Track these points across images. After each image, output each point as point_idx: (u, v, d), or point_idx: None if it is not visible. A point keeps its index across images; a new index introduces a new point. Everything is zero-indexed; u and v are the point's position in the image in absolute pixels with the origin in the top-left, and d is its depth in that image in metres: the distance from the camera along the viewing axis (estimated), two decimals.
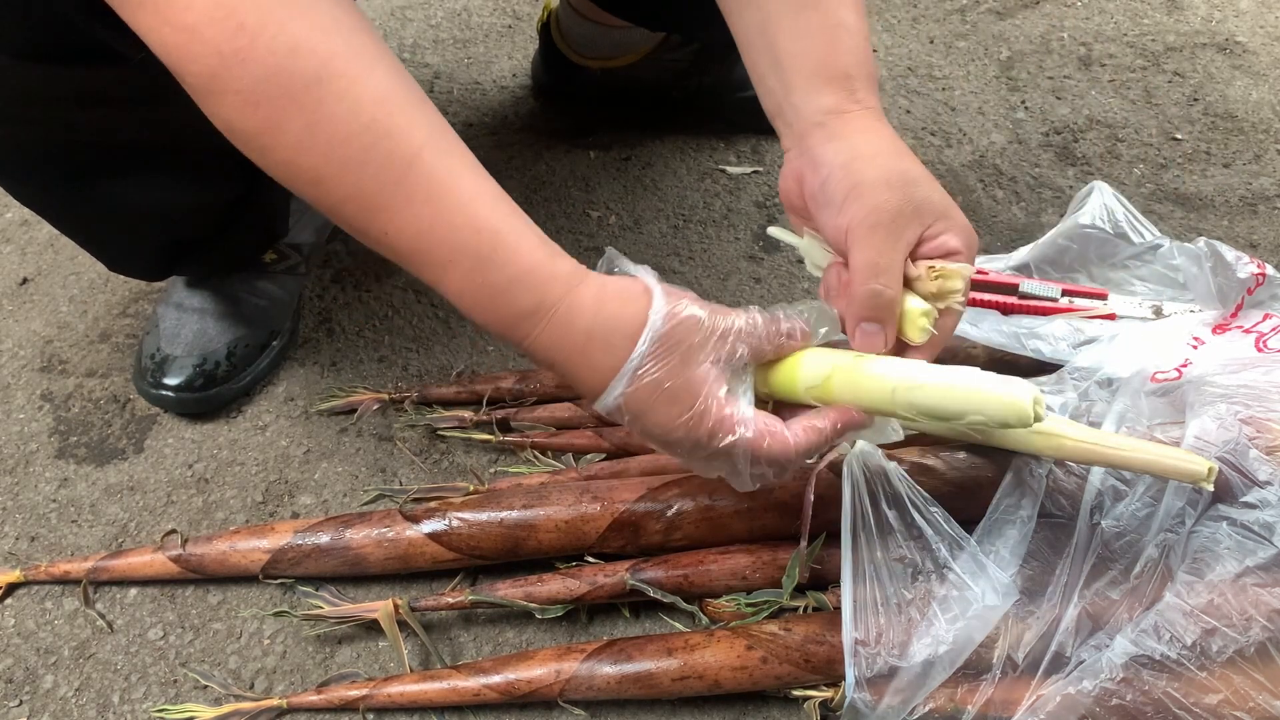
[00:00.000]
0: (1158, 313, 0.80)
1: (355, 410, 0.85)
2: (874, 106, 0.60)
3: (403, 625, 0.69)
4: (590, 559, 0.71)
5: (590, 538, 0.69)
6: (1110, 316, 0.80)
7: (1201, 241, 0.78)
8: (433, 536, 0.70)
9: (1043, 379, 0.73)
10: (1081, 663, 0.60)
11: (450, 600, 0.70)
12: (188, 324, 0.85)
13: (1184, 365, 0.72)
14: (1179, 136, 1.13)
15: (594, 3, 1.02)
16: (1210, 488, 0.61)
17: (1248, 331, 0.74)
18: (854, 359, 0.56)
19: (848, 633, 0.61)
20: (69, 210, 0.75)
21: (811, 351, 0.58)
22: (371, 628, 0.71)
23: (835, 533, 0.63)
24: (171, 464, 0.82)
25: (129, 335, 0.93)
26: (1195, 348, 0.74)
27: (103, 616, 0.72)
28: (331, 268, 0.99)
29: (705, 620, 0.68)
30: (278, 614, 0.71)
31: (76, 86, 0.62)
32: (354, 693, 0.65)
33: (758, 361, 0.57)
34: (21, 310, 0.95)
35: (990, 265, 0.85)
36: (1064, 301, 0.80)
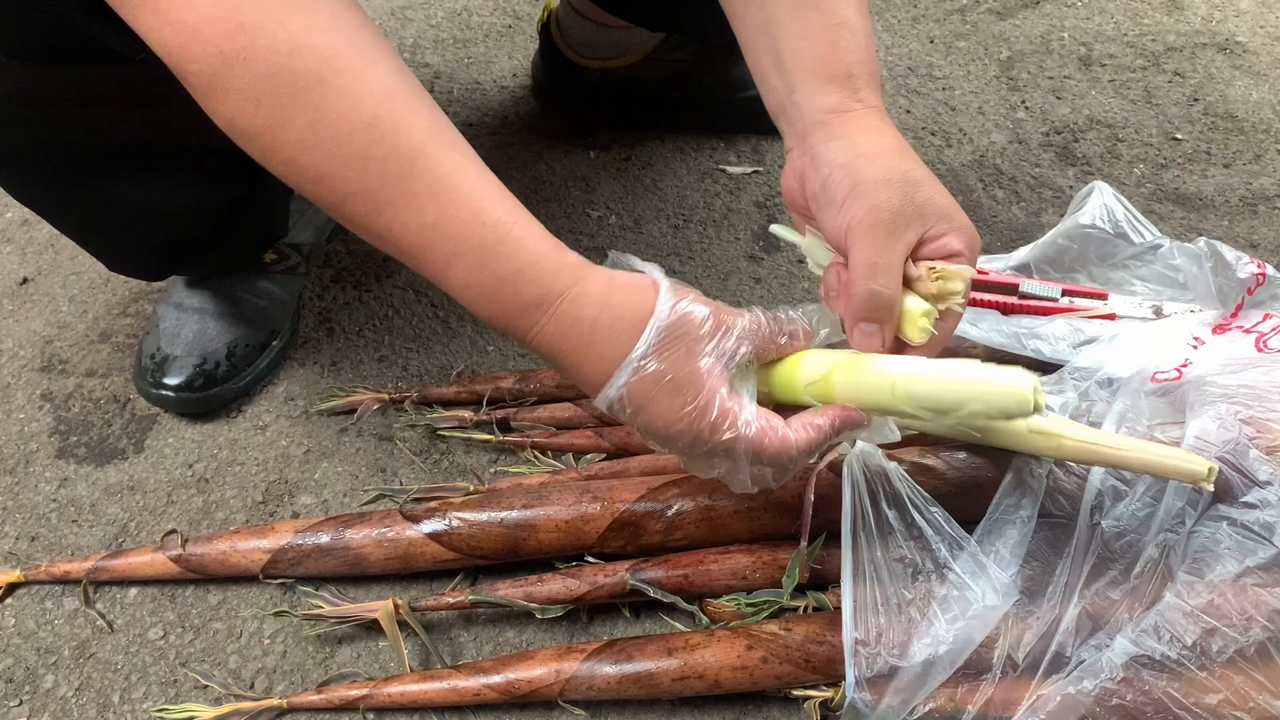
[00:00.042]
0: (1158, 313, 0.80)
1: (355, 410, 0.85)
2: (876, 105, 0.60)
3: (403, 625, 0.69)
4: (590, 559, 0.71)
5: (590, 538, 0.69)
6: (1110, 316, 0.80)
7: (1201, 241, 0.78)
8: (433, 536, 0.70)
9: (1043, 379, 0.73)
10: (1081, 663, 0.60)
11: (450, 600, 0.70)
12: (188, 324, 0.85)
13: (1184, 365, 0.72)
14: (1179, 136, 1.13)
15: (594, 3, 1.02)
16: (1210, 488, 0.61)
17: (1248, 331, 0.74)
18: (855, 355, 0.57)
19: (848, 633, 0.61)
20: (69, 210, 0.75)
21: (813, 351, 0.58)
22: (371, 628, 0.71)
23: (835, 533, 0.63)
24: (171, 464, 0.82)
25: (129, 335, 0.93)
26: (1195, 348, 0.74)
27: (103, 616, 0.72)
28: (331, 268, 0.99)
29: (705, 620, 0.68)
30: (278, 614, 0.71)
31: (76, 86, 0.62)
32: (354, 693, 0.65)
33: (760, 361, 0.57)
34: (21, 310, 0.95)
35: (990, 265, 0.85)
36: (1064, 301, 0.80)
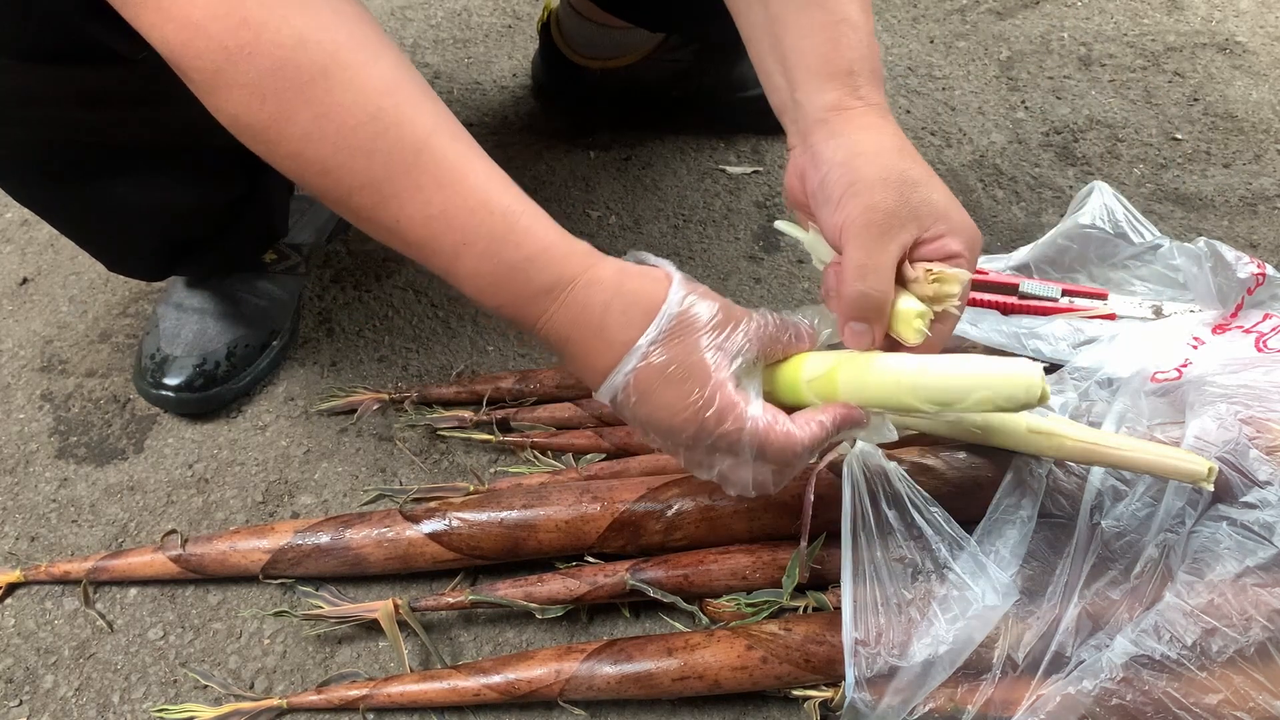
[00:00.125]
0: (1158, 313, 0.80)
1: (355, 410, 0.85)
2: (878, 103, 0.60)
3: (403, 625, 0.69)
4: (590, 559, 0.71)
5: (590, 538, 0.69)
6: (1110, 316, 0.80)
7: (1201, 241, 0.78)
8: (433, 536, 0.70)
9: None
10: (1081, 663, 0.60)
11: (450, 600, 0.70)
12: (188, 324, 0.85)
13: (1184, 365, 0.72)
14: (1179, 136, 1.13)
15: (594, 3, 1.02)
16: (1210, 488, 0.61)
17: (1248, 331, 0.74)
18: (859, 353, 0.57)
19: (848, 633, 0.61)
20: (69, 210, 0.75)
21: (815, 352, 0.58)
22: (371, 628, 0.71)
23: (835, 533, 0.63)
24: (171, 464, 0.82)
25: (129, 335, 0.93)
26: (1195, 348, 0.74)
27: (103, 616, 0.72)
28: (331, 268, 0.99)
29: (705, 620, 0.68)
30: (278, 614, 0.71)
31: (76, 86, 0.62)
32: (354, 693, 0.65)
33: (765, 361, 0.57)
34: (21, 310, 0.95)
35: (990, 265, 0.85)
36: (1064, 301, 0.81)
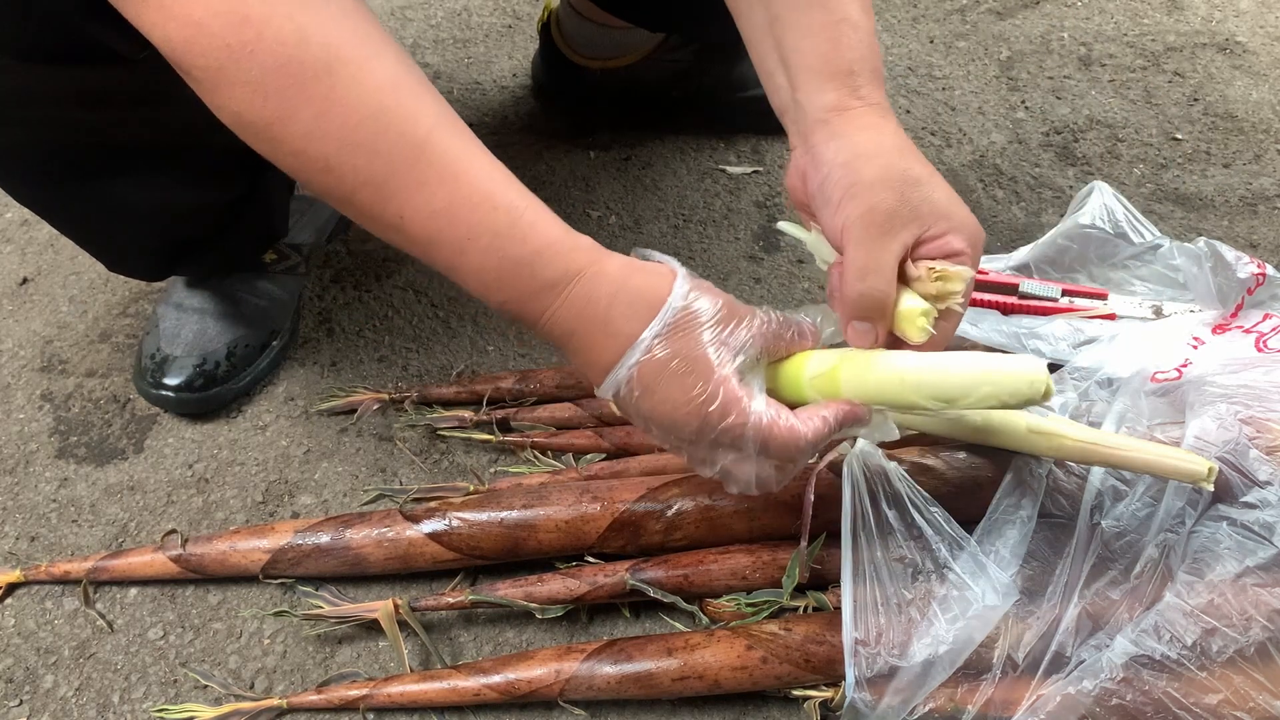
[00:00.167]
0: (1158, 313, 0.80)
1: (355, 410, 0.85)
2: (878, 102, 0.60)
3: (403, 625, 0.69)
4: (590, 559, 0.71)
5: (590, 538, 0.69)
6: (1110, 316, 0.80)
7: (1201, 241, 0.78)
8: (433, 536, 0.70)
9: None
10: (1081, 663, 0.60)
11: (450, 600, 0.70)
12: (188, 324, 0.85)
13: (1184, 365, 0.72)
14: (1179, 136, 1.13)
15: (594, 3, 1.02)
16: (1210, 488, 0.61)
17: (1248, 331, 0.74)
18: (862, 351, 0.57)
19: (848, 633, 0.61)
20: (69, 210, 0.75)
21: (817, 350, 0.58)
22: (371, 628, 0.71)
23: (835, 533, 0.63)
24: (171, 464, 0.82)
25: (129, 335, 0.93)
26: (1195, 348, 0.74)
27: (103, 616, 0.72)
28: (331, 268, 0.99)
29: (705, 620, 0.68)
30: (278, 614, 0.71)
31: (76, 86, 0.62)
32: (354, 693, 0.65)
33: (768, 358, 0.57)
34: (21, 310, 0.95)
35: (990, 265, 0.85)
36: (1064, 301, 0.81)
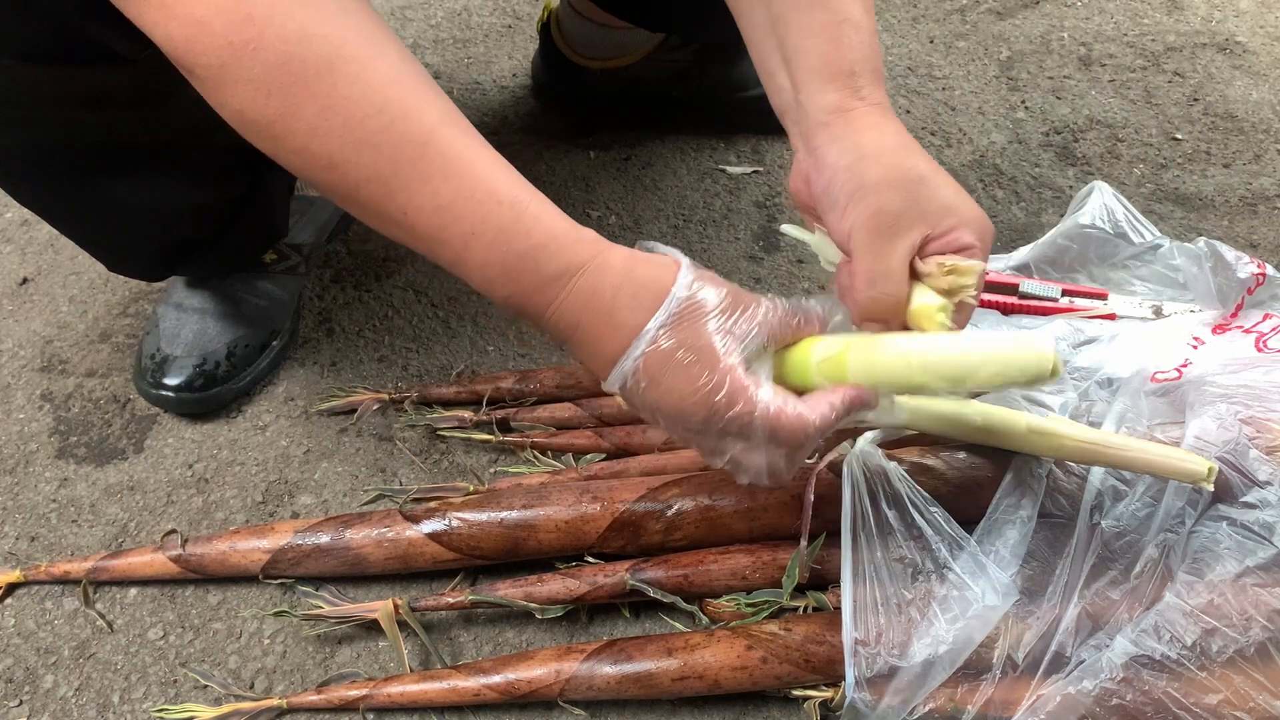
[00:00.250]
0: (1158, 313, 0.80)
1: (355, 410, 0.85)
2: (880, 102, 0.59)
3: (403, 625, 0.69)
4: (590, 559, 0.71)
5: (590, 538, 0.69)
6: (1110, 316, 0.80)
7: (1201, 241, 0.78)
8: (433, 536, 0.70)
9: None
10: (1081, 663, 0.60)
11: (450, 600, 0.70)
12: (188, 324, 0.85)
13: (1184, 365, 0.72)
14: (1179, 136, 1.13)
15: (594, 3, 1.02)
16: (1210, 488, 0.61)
17: (1248, 331, 0.74)
18: (869, 335, 0.56)
19: (848, 633, 0.61)
20: (69, 210, 0.75)
21: (824, 336, 0.58)
22: (371, 628, 0.71)
23: (835, 533, 0.63)
24: (171, 464, 0.82)
25: (129, 335, 0.93)
26: (1195, 348, 0.74)
27: (103, 616, 0.72)
28: (331, 268, 0.99)
29: (705, 620, 0.68)
30: (278, 614, 0.71)
31: (77, 87, 0.62)
32: (354, 693, 0.65)
33: (776, 345, 0.56)
34: (21, 310, 0.95)
35: (990, 265, 0.85)
36: (1064, 301, 0.81)
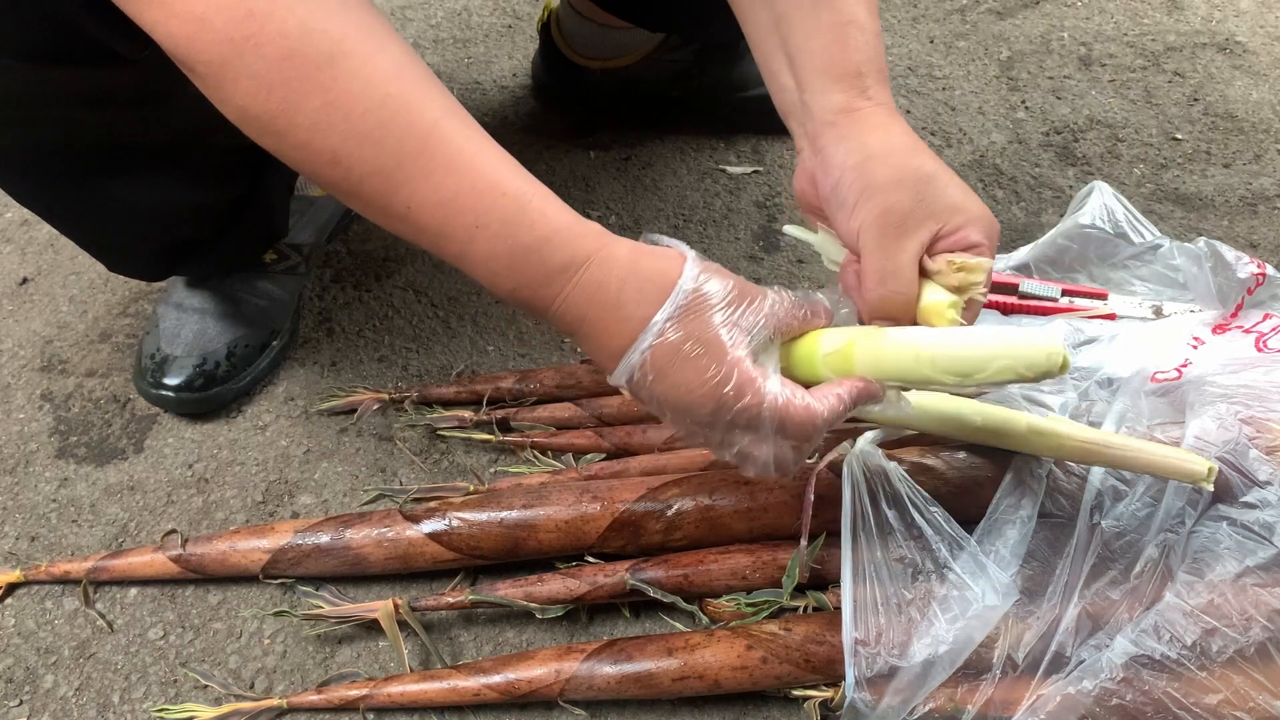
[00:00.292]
0: (1158, 313, 0.80)
1: (355, 410, 0.85)
2: (886, 102, 0.59)
3: (403, 625, 0.69)
4: (590, 559, 0.71)
5: (590, 538, 0.69)
6: (1110, 316, 0.80)
7: (1201, 241, 0.78)
8: (433, 536, 0.70)
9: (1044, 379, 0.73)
10: (1081, 663, 0.60)
11: (450, 600, 0.70)
12: (188, 324, 0.85)
13: (1184, 365, 0.72)
14: (1179, 136, 1.13)
15: (594, 3, 1.02)
16: (1210, 488, 0.61)
17: (1248, 331, 0.74)
18: (876, 328, 0.56)
19: (848, 633, 0.61)
20: (69, 210, 0.75)
21: (831, 328, 0.58)
22: (371, 628, 0.71)
23: (835, 533, 0.63)
24: (171, 464, 0.82)
25: (129, 335, 0.93)
26: (1195, 348, 0.74)
27: (103, 616, 0.72)
28: (331, 268, 0.99)
29: (705, 620, 0.68)
30: (278, 614, 0.71)
31: (77, 87, 0.62)
32: (354, 693, 0.65)
33: (782, 337, 0.56)
34: (21, 310, 0.95)
35: None
36: (1064, 301, 0.81)
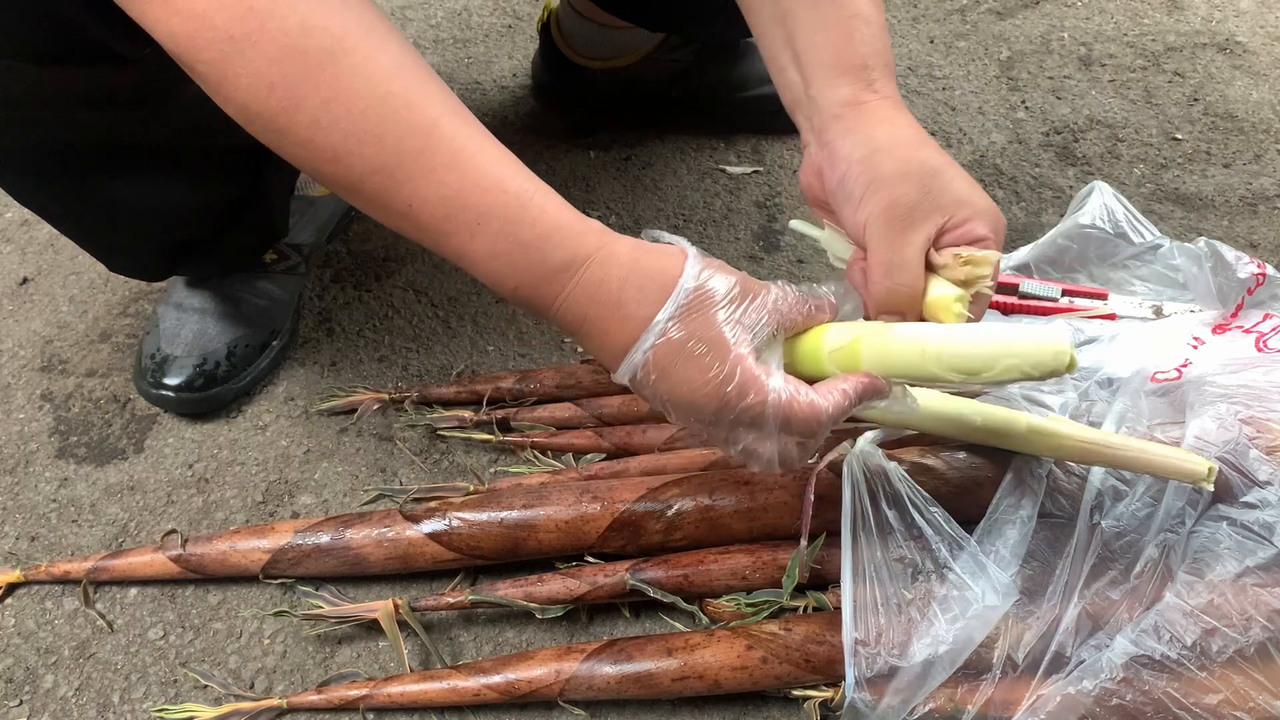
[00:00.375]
0: (1158, 313, 0.80)
1: (355, 410, 0.85)
2: (892, 95, 0.59)
3: (403, 625, 0.69)
4: (590, 559, 0.71)
5: (590, 538, 0.69)
6: (1110, 316, 0.80)
7: (1201, 241, 0.78)
8: (433, 536, 0.70)
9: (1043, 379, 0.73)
10: (1081, 663, 0.60)
11: (450, 600, 0.70)
12: (188, 324, 0.85)
13: (1184, 365, 0.72)
14: (1179, 136, 1.13)
15: (594, 3, 1.02)
16: (1210, 488, 0.61)
17: (1248, 331, 0.74)
18: (882, 324, 0.56)
19: (848, 633, 0.61)
20: (69, 210, 0.75)
21: (837, 323, 0.57)
22: (371, 628, 0.71)
23: (835, 533, 0.63)
24: (171, 464, 0.82)
25: (129, 335, 0.93)
26: (1195, 348, 0.74)
27: (103, 616, 0.72)
28: (331, 268, 0.99)
29: (705, 620, 0.68)
30: (278, 614, 0.71)
31: (77, 87, 0.62)
32: (354, 693, 0.65)
33: (786, 333, 0.56)
34: (21, 310, 0.95)
35: None
36: (1064, 301, 0.81)
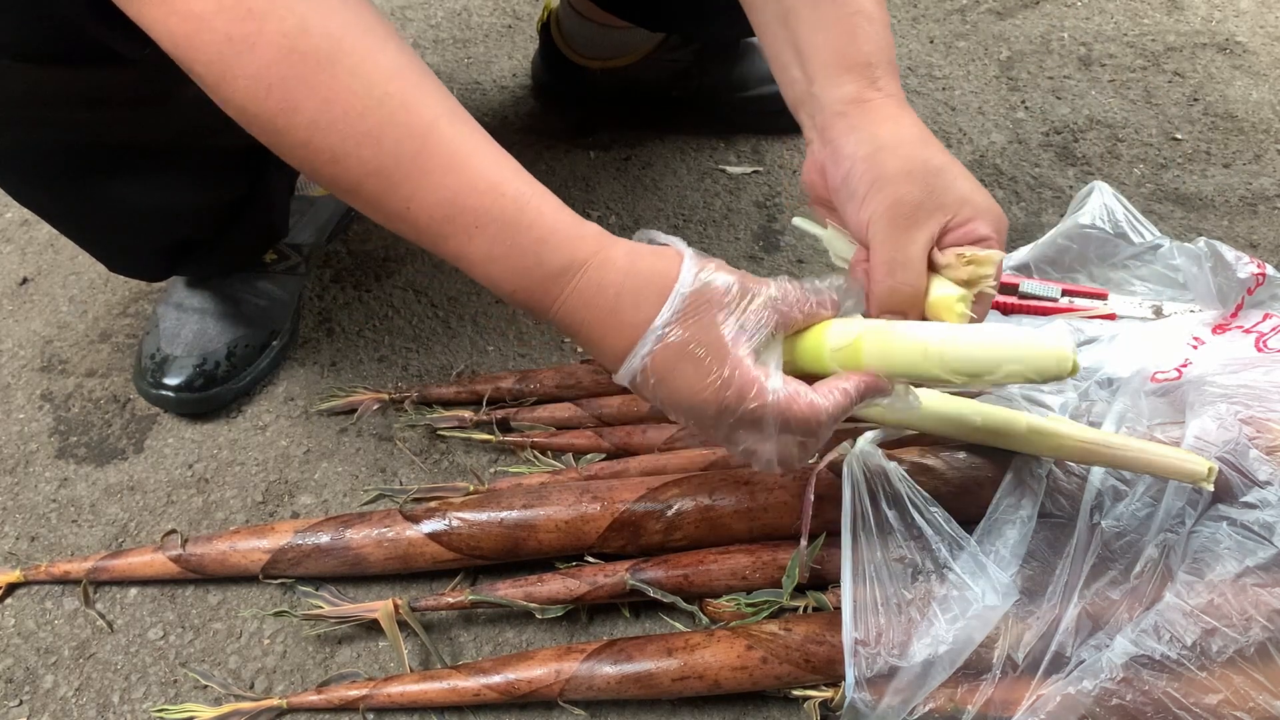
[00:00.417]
0: (1158, 313, 0.80)
1: (355, 410, 0.85)
2: (896, 93, 0.59)
3: (403, 625, 0.69)
4: (590, 559, 0.71)
5: (590, 538, 0.69)
6: (1110, 316, 0.80)
7: (1201, 241, 0.78)
8: (433, 536, 0.70)
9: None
10: (1081, 663, 0.60)
11: (450, 600, 0.70)
12: (188, 324, 0.85)
13: (1184, 365, 0.72)
14: (1179, 136, 1.13)
15: (594, 3, 1.02)
16: (1210, 488, 0.61)
17: (1248, 331, 0.74)
18: (884, 322, 0.56)
19: (848, 633, 0.61)
20: (69, 210, 0.75)
21: (839, 320, 0.57)
22: (371, 628, 0.71)
23: (835, 533, 0.63)
24: (171, 464, 0.82)
25: (129, 335, 0.93)
26: (1195, 348, 0.74)
27: (103, 616, 0.72)
28: (331, 268, 0.99)
29: (705, 620, 0.68)
30: (278, 614, 0.71)
31: (77, 87, 0.62)
32: (354, 693, 0.65)
33: (787, 330, 0.55)
34: (21, 310, 0.95)
35: None
36: (1064, 301, 0.81)
